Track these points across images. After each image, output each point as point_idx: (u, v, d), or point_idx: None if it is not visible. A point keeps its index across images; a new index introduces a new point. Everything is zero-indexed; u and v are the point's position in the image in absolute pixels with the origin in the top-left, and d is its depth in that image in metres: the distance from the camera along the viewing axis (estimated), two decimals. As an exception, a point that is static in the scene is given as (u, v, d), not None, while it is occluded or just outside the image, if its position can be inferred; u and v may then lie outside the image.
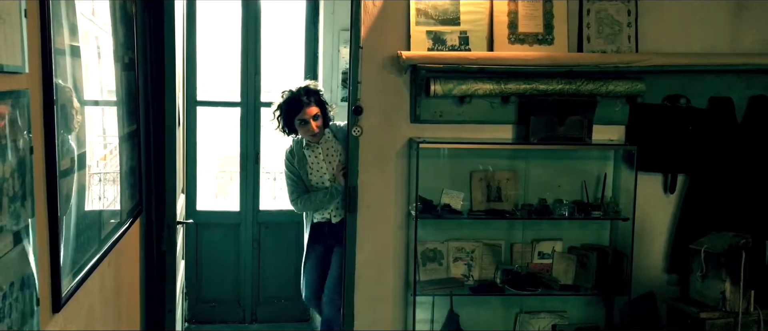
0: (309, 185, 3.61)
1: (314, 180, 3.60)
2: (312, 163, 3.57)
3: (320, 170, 3.58)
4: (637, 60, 3.36)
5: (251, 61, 4.71)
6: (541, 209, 3.55)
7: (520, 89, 3.41)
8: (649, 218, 3.62)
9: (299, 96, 3.41)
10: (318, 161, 3.56)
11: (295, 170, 3.59)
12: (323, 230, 3.68)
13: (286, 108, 3.46)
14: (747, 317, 2.53)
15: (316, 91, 3.51)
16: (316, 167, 3.58)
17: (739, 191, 3.46)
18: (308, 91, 3.46)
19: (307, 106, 3.42)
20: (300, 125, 3.45)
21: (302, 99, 3.40)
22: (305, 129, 3.46)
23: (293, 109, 3.42)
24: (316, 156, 3.56)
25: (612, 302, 3.65)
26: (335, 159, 3.56)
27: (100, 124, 2.09)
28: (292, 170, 3.61)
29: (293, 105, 3.42)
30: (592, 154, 3.64)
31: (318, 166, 3.57)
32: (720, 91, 3.54)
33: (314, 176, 3.59)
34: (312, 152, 3.56)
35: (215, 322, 4.71)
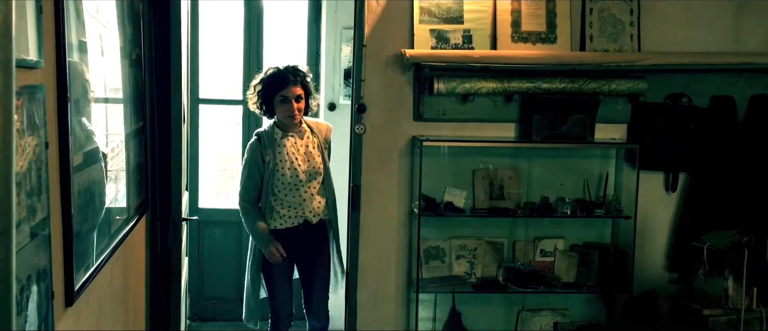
0: (272, 180, 3.17)
1: (284, 172, 3.17)
2: (289, 150, 3.19)
3: (295, 161, 3.19)
4: (640, 59, 3.37)
5: (253, 60, 4.71)
6: (544, 207, 3.56)
7: (523, 88, 3.43)
8: (650, 216, 3.64)
9: (286, 73, 3.14)
10: (293, 150, 3.19)
11: (257, 163, 3.19)
12: (296, 236, 3.27)
13: (268, 82, 3.16)
14: (750, 314, 2.55)
15: (304, 74, 3.22)
16: (291, 158, 3.19)
17: (740, 190, 3.49)
18: (296, 71, 3.19)
19: (293, 85, 3.13)
20: (281, 103, 3.12)
21: (288, 76, 3.13)
22: (285, 108, 3.13)
23: (276, 84, 3.12)
24: (291, 146, 3.20)
25: (613, 299, 3.67)
26: (312, 152, 3.24)
27: (107, 121, 2.10)
28: (253, 162, 3.20)
29: (277, 80, 3.13)
30: (595, 153, 3.66)
31: (293, 157, 3.19)
32: (721, 91, 3.56)
33: (285, 164, 3.17)
34: (287, 141, 3.21)
35: (217, 320, 4.72)
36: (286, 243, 3.25)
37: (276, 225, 3.24)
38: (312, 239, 3.31)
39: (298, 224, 3.25)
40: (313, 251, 3.31)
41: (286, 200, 3.21)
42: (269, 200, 3.19)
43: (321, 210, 3.29)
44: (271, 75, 3.13)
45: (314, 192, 3.25)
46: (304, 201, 3.22)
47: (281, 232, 3.25)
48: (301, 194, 3.22)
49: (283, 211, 3.22)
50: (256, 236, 3.23)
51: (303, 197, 3.22)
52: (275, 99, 3.11)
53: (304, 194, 3.22)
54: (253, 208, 3.21)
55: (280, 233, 3.25)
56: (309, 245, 3.31)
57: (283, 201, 3.21)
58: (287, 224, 3.24)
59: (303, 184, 3.20)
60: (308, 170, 3.19)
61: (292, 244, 3.27)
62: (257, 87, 3.16)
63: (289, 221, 3.24)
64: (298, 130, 3.21)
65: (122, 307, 2.32)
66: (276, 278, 3.31)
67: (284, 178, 3.17)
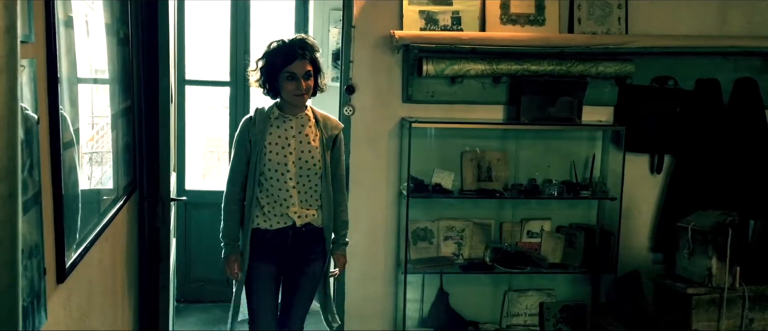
0: (258, 165, 2.68)
1: (271, 157, 2.67)
2: (278, 134, 2.69)
3: (286, 147, 2.69)
4: (627, 42, 3.40)
5: (241, 41, 4.68)
6: (531, 188, 3.59)
7: (511, 70, 3.44)
8: (635, 197, 3.69)
9: (293, 46, 2.66)
10: (286, 134, 2.70)
11: (246, 144, 2.71)
12: (284, 243, 2.72)
13: (273, 57, 2.66)
14: (732, 292, 2.60)
15: (313, 48, 2.71)
16: (281, 142, 2.69)
17: (724, 171, 3.54)
18: (304, 44, 2.67)
19: (301, 60, 2.64)
20: (287, 80, 2.63)
21: (296, 50, 2.65)
22: (292, 86, 2.64)
23: (282, 60, 2.64)
24: (285, 129, 2.70)
25: (599, 280, 3.72)
26: (309, 145, 2.71)
27: (96, 99, 2.08)
28: (239, 142, 2.73)
29: (283, 54, 2.64)
30: (582, 135, 3.69)
31: (284, 141, 2.69)
32: (707, 73, 3.60)
33: (273, 151, 2.68)
34: (282, 123, 2.71)
35: (204, 301, 4.72)
36: (274, 250, 2.72)
37: (260, 224, 2.70)
38: (301, 246, 2.75)
39: (286, 226, 2.71)
40: (301, 259, 2.76)
41: (271, 192, 2.68)
42: (255, 192, 2.69)
43: (311, 213, 2.73)
44: (276, 49, 2.68)
45: (304, 190, 2.70)
46: (290, 197, 2.68)
47: (268, 234, 2.70)
48: (287, 189, 2.67)
49: (268, 207, 2.69)
50: (222, 235, 2.75)
51: (289, 192, 2.67)
52: (281, 76, 2.64)
53: (290, 188, 2.67)
54: (233, 202, 2.74)
55: (266, 236, 2.70)
56: (297, 253, 2.75)
57: (269, 194, 2.69)
58: (275, 225, 2.70)
59: (291, 176, 2.67)
60: (300, 162, 2.68)
61: (280, 251, 2.73)
62: (260, 62, 2.71)
63: (274, 220, 2.69)
64: (300, 115, 2.73)
65: (111, 286, 2.31)
66: (255, 282, 2.74)
67: (271, 163, 2.67)
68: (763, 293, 2.65)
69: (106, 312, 2.23)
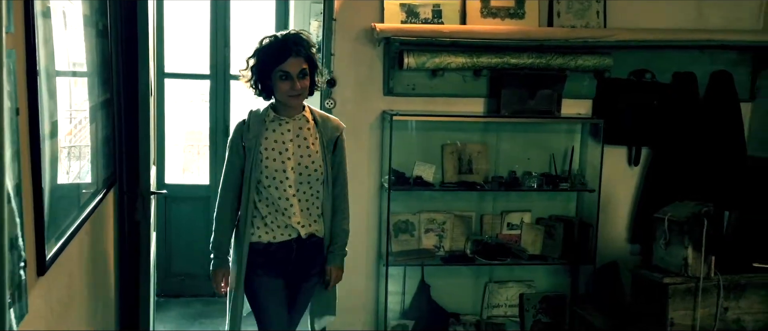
0: (254, 173, 2.48)
1: (268, 163, 2.47)
2: (275, 139, 2.50)
3: (284, 152, 2.49)
4: (606, 35, 3.44)
5: (221, 34, 4.66)
6: (511, 181, 3.63)
7: (491, 63, 3.47)
8: (613, 189, 3.74)
9: (286, 43, 2.45)
10: (283, 138, 2.50)
11: (239, 150, 2.52)
12: (288, 256, 2.53)
13: (265, 54, 2.46)
14: (708, 281, 2.66)
15: (309, 44, 2.49)
16: (278, 147, 2.49)
17: (700, 164, 3.60)
18: (298, 39, 2.46)
19: (295, 57, 2.43)
20: (280, 79, 2.42)
21: (289, 47, 2.44)
22: (286, 86, 2.42)
23: (275, 57, 2.43)
24: (282, 133, 2.50)
25: (578, 271, 3.77)
26: (309, 149, 2.52)
27: (74, 92, 2.06)
28: (235, 150, 2.53)
29: (276, 51, 2.44)
30: (561, 128, 3.73)
31: (281, 146, 2.49)
32: (683, 67, 3.65)
33: (270, 157, 2.48)
34: (278, 126, 2.52)
35: (185, 296, 4.70)
36: (279, 263, 2.53)
37: (262, 236, 2.50)
38: (305, 258, 2.57)
39: (291, 238, 2.52)
40: (302, 273, 2.59)
41: (271, 201, 2.49)
42: (252, 201, 2.49)
43: (313, 220, 2.54)
44: (268, 46, 2.47)
45: (304, 198, 2.52)
46: (290, 207, 2.48)
47: (271, 247, 2.50)
48: (287, 197, 2.48)
49: (270, 218, 2.50)
50: (213, 246, 2.55)
51: (289, 200, 2.48)
52: (274, 75, 2.43)
53: (290, 197, 2.48)
54: (226, 212, 2.54)
55: (270, 249, 2.51)
56: (300, 266, 2.58)
57: (268, 203, 2.50)
58: (279, 237, 2.51)
59: (290, 183, 2.47)
60: (299, 168, 2.48)
61: (285, 264, 2.55)
62: (252, 61, 2.49)
63: (278, 232, 2.51)
64: (297, 116, 2.53)
65: (92, 279, 2.30)
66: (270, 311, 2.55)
67: (268, 170, 2.47)
68: (737, 283, 2.71)
69: (87, 306, 2.22)
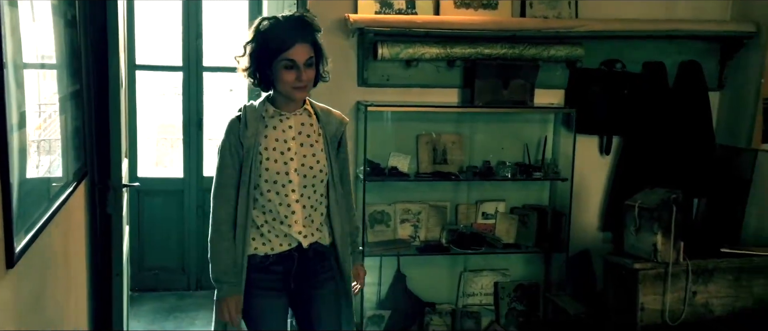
0: (252, 177, 2.17)
1: (269, 166, 2.16)
2: (276, 137, 2.19)
3: (286, 152, 2.18)
4: (577, 25, 3.48)
5: (193, 25, 4.62)
6: (485, 170, 3.66)
7: (465, 53, 3.48)
8: (586, 178, 3.79)
9: (292, 26, 2.09)
10: (284, 136, 2.19)
11: (238, 151, 2.18)
12: (288, 269, 2.23)
13: (266, 40, 2.09)
14: (677, 267, 2.71)
15: (315, 28, 2.14)
16: (280, 146, 2.18)
17: (670, 152, 3.66)
18: (305, 22, 2.12)
19: (301, 43, 2.08)
20: (284, 69, 2.08)
21: (295, 31, 2.09)
22: (291, 77, 2.09)
23: (280, 43, 2.07)
24: (284, 130, 2.19)
25: (551, 259, 3.82)
26: (313, 147, 2.22)
27: (43, 84, 2.03)
28: (226, 149, 2.19)
29: (281, 36, 2.07)
30: (534, 118, 3.77)
31: (283, 145, 2.19)
32: (653, 57, 3.71)
33: (271, 158, 2.17)
34: (279, 122, 2.20)
35: (159, 290, 4.66)
36: (277, 278, 2.23)
37: (259, 248, 2.20)
38: (308, 270, 2.25)
39: (290, 249, 2.21)
40: (310, 283, 2.26)
41: (269, 209, 2.19)
42: (248, 210, 2.18)
43: (316, 229, 2.24)
44: (270, 29, 2.10)
45: (309, 204, 2.21)
46: (292, 214, 2.18)
47: (268, 260, 2.21)
48: (289, 203, 2.17)
49: (267, 227, 2.19)
50: (217, 270, 2.18)
51: (291, 207, 2.18)
52: (276, 64, 2.09)
53: (292, 203, 2.18)
54: (226, 227, 2.18)
55: (266, 262, 2.21)
56: (304, 278, 2.25)
57: (266, 211, 2.19)
58: (277, 248, 2.21)
59: (293, 187, 2.17)
60: (303, 169, 2.19)
61: (285, 279, 2.24)
62: (250, 47, 2.14)
63: (276, 242, 2.20)
64: (298, 111, 2.22)
65: (64, 273, 2.27)
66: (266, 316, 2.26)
67: (269, 174, 2.16)
68: (705, 268, 2.77)
69: (59, 299, 2.19)
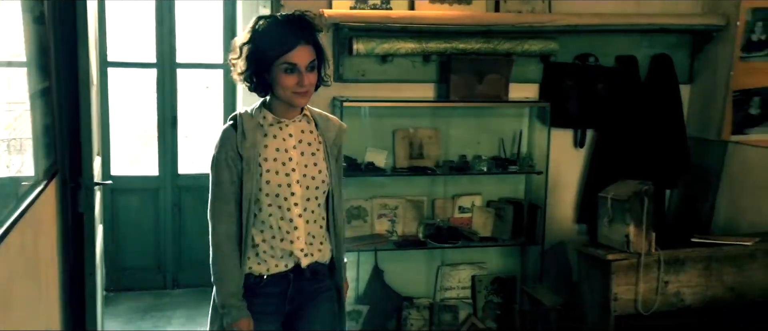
0: (252, 190, 2.00)
1: (269, 178, 2.00)
2: (276, 146, 2.03)
3: (287, 163, 2.02)
4: (551, 20, 3.51)
5: (166, 21, 4.57)
6: (462, 165, 3.68)
7: (440, 48, 3.50)
8: (561, 171, 3.83)
9: (293, 27, 1.93)
10: (285, 145, 2.04)
11: (236, 164, 2.01)
12: (284, 291, 2.07)
13: (265, 41, 1.92)
14: (649, 257, 2.75)
15: (317, 28, 1.99)
16: (281, 156, 2.02)
17: (642, 145, 3.71)
18: (306, 23, 1.95)
19: (303, 44, 1.92)
20: (285, 73, 1.92)
21: (296, 32, 1.92)
22: (292, 81, 1.93)
23: (280, 45, 1.91)
24: (284, 139, 2.04)
25: (527, 251, 3.85)
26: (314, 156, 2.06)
27: (11, 81, 1.99)
28: (223, 161, 2.02)
29: (282, 37, 1.91)
30: (509, 112, 3.79)
31: (284, 155, 2.03)
32: (625, 51, 3.76)
33: (272, 170, 2.01)
34: (279, 130, 2.04)
35: (135, 289, 4.62)
36: (271, 301, 2.07)
37: (253, 268, 2.04)
38: (304, 290, 2.09)
39: (286, 270, 2.06)
40: (306, 302, 2.11)
41: (269, 225, 2.03)
42: (248, 227, 2.02)
43: (317, 248, 2.08)
44: (268, 30, 1.93)
45: (312, 219, 2.06)
46: (294, 230, 2.03)
47: (261, 282, 2.05)
48: (291, 219, 2.02)
49: (265, 246, 2.04)
50: (222, 293, 2.03)
51: (294, 222, 2.03)
52: (275, 67, 1.92)
53: (295, 218, 2.03)
54: (229, 247, 2.03)
55: (259, 284, 2.05)
56: (300, 298, 2.10)
57: (265, 228, 2.03)
58: (272, 268, 2.05)
59: (296, 201, 2.02)
60: (305, 181, 2.03)
61: (280, 302, 2.09)
62: (246, 48, 1.95)
63: (272, 262, 2.04)
64: (297, 118, 2.07)
65: (35, 273, 2.23)
66: None
67: (270, 187, 2.00)
68: (677, 257, 2.82)
69: (31, 300, 2.16)
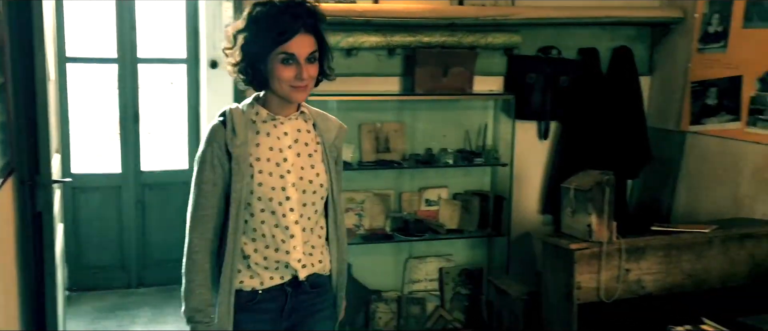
0: (244, 199, 1.81)
1: (262, 180, 1.81)
2: (270, 145, 1.84)
3: (282, 164, 1.84)
4: (513, 13, 3.54)
5: (127, 15, 4.48)
6: (428, 158, 3.69)
7: (405, 42, 3.50)
8: (525, 163, 3.87)
9: (292, 12, 1.74)
10: (280, 145, 1.85)
11: (216, 162, 1.81)
12: (280, 306, 1.88)
13: (263, 27, 1.74)
14: (610, 246, 2.80)
15: (320, 16, 1.81)
16: (275, 156, 1.84)
17: (604, 136, 3.77)
18: (307, 9, 1.77)
19: (303, 33, 1.75)
20: (282, 64, 1.75)
21: (298, 19, 1.74)
22: (290, 73, 1.75)
23: (278, 32, 1.73)
24: (279, 138, 1.85)
25: (493, 243, 3.89)
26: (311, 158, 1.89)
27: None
28: (208, 161, 1.81)
29: (280, 24, 1.73)
30: (474, 104, 3.82)
31: (278, 155, 1.84)
32: (587, 43, 3.81)
33: (265, 171, 1.82)
34: (274, 128, 1.85)
35: (99, 289, 4.54)
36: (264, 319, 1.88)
37: (245, 282, 1.85)
38: (303, 306, 1.92)
39: (282, 282, 1.87)
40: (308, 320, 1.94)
41: (262, 233, 1.84)
42: (237, 235, 1.82)
43: (317, 258, 1.91)
44: (264, 15, 1.74)
45: (309, 226, 1.88)
46: (290, 238, 1.84)
47: (256, 297, 1.86)
48: (287, 226, 1.84)
49: (257, 257, 1.85)
50: (188, 306, 1.83)
51: (289, 229, 1.84)
52: (272, 58, 1.75)
53: (291, 225, 1.84)
54: (203, 257, 1.83)
55: (253, 299, 1.86)
56: (298, 316, 1.92)
57: (258, 237, 1.84)
58: (267, 281, 1.86)
59: (292, 206, 1.84)
60: (302, 184, 1.85)
61: (275, 320, 1.89)
62: (241, 37, 1.77)
63: (266, 275, 1.85)
64: (293, 115, 1.89)
65: (-11, 274, 2.17)
66: None
67: (262, 190, 1.81)
68: (637, 246, 2.87)
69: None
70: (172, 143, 4.79)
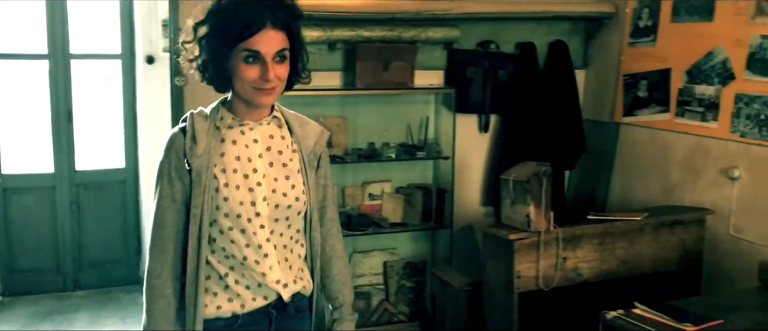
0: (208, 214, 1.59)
1: (228, 194, 1.60)
2: (237, 154, 1.63)
3: (251, 175, 1.63)
4: (453, 8, 3.58)
5: (58, 9, 4.33)
6: (370, 152, 3.70)
7: (345, 36, 3.50)
8: (467, 156, 3.93)
9: (257, 5, 1.53)
10: (248, 153, 1.64)
11: (181, 177, 1.60)
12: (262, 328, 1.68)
13: (225, 19, 1.54)
14: (548, 235, 2.87)
15: (293, 10, 1.60)
16: (243, 167, 1.63)
17: (542, 128, 3.86)
18: (277, 2, 1.57)
19: (270, 28, 1.54)
20: (245, 62, 1.54)
21: (264, 12, 1.53)
22: (254, 73, 1.55)
23: (241, 26, 1.52)
24: (247, 145, 1.64)
25: (436, 236, 3.94)
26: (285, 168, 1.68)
27: None
28: (173, 178, 1.61)
29: (243, 17, 1.53)
30: (416, 98, 3.85)
31: (247, 166, 1.63)
32: (525, 37, 3.88)
33: (231, 183, 1.61)
34: (241, 135, 1.65)
35: (33, 293, 4.38)
36: None
37: (223, 307, 1.64)
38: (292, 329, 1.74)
39: (266, 304, 1.67)
40: None
41: (231, 253, 1.63)
42: (200, 256, 1.61)
43: (299, 279, 1.71)
44: (228, 8, 1.55)
45: (281, 243, 1.68)
46: (264, 257, 1.64)
47: (237, 322, 1.65)
48: (258, 244, 1.63)
49: (234, 277, 1.64)
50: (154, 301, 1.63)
51: (262, 248, 1.64)
52: (235, 55, 1.55)
53: (263, 243, 1.63)
54: (166, 282, 1.63)
55: (233, 326, 1.65)
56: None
57: (228, 256, 1.63)
58: (248, 305, 1.65)
59: (262, 222, 1.63)
60: (276, 198, 1.65)
61: None
62: (201, 30, 1.58)
63: (247, 296, 1.65)
64: (265, 120, 1.68)
65: None
66: None
67: (229, 205, 1.60)
68: (574, 234, 2.95)
69: None
70: (108, 141, 4.65)
